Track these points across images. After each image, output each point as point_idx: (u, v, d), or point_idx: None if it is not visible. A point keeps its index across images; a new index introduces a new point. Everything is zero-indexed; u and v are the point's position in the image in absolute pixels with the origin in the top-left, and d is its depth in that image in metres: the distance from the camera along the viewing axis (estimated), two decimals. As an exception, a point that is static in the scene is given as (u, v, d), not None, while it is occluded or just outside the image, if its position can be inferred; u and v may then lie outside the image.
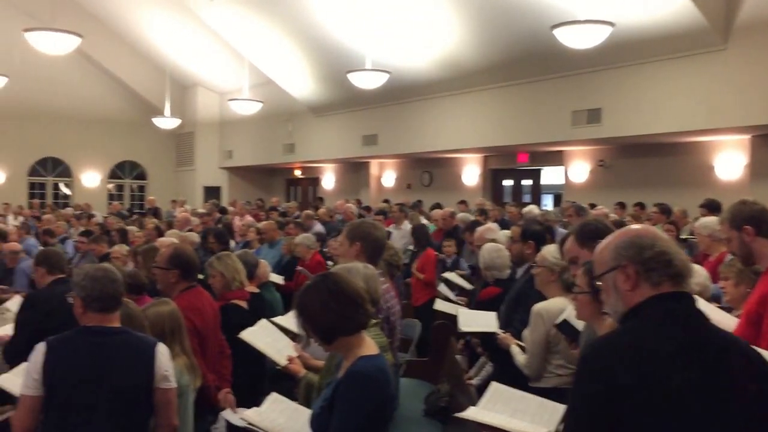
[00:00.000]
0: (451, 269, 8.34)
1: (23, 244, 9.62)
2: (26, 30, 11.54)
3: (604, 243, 2.09)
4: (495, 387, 3.35)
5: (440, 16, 12.67)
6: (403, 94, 15.40)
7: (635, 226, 2.16)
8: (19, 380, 3.77)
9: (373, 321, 3.04)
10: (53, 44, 11.69)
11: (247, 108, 16.61)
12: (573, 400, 1.91)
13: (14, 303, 6.05)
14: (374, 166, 19.06)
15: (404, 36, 13.53)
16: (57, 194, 22.36)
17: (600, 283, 2.07)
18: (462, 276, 8.02)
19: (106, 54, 20.83)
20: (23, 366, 3.89)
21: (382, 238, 3.92)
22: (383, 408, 2.66)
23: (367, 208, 14.54)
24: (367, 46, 12.59)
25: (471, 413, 3.11)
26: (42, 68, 19.10)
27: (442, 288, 7.59)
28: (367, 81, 12.51)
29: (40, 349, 3.09)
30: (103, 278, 3.17)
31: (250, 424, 2.99)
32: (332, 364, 3.29)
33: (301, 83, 17.65)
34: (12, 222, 14.52)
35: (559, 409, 3.09)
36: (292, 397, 3.38)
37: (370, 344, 2.75)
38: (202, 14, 16.71)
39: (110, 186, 23.18)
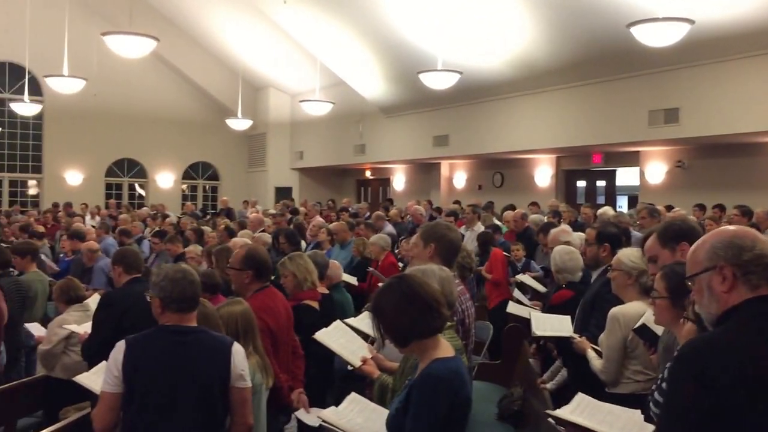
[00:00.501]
0: (522, 272, 8.21)
1: (102, 244, 9.91)
2: (104, 34, 11.86)
3: (698, 243, 2.03)
4: (581, 398, 3.27)
5: (513, 14, 12.51)
6: (474, 94, 15.27)
7: (731, 227, 2.07)
8: (98, 378, 3.86)
9: (448, 323, 2.99)
10: (130, 47, 11.99)
11: (319, 109, 16.73)
12: (669, 400, 1.88)
13: (93, 301, 6.22)
14: (445, 167, 18.97)
15: (476, 35, 13.41)
16: (132, 195, 22.97)
17: (691, 284, 2.03)
18: (535, 278, 7.88)
19: (181, 57, 21.31)
20: (102, 364, 3.97)
21: (457, 240, 3.86)
22: (457, 410, 2.62)
23: (438, 210, 14.47)
24: (439, 46, 12.51)
25: (564, 413, 3.05)
26: (119, 71, 19.67)
27: (516, 293, 7.48)
28: (438, 81, 12.43)
29: (120, 347, 3.14)
30: (181, 280, 3.21)
31: (327, 423, 2.97)
32: (406, 365, 3.25)
33: (372, 84, 17.69)
34: (89, 222, 14.98)
35: (647, 428, 2.99)
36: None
37: (446, 346, 2.71)
38: (275, 16, 16.93)
39: (184, 187, 23.69)
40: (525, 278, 7.79)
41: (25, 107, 17.49)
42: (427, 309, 2.63)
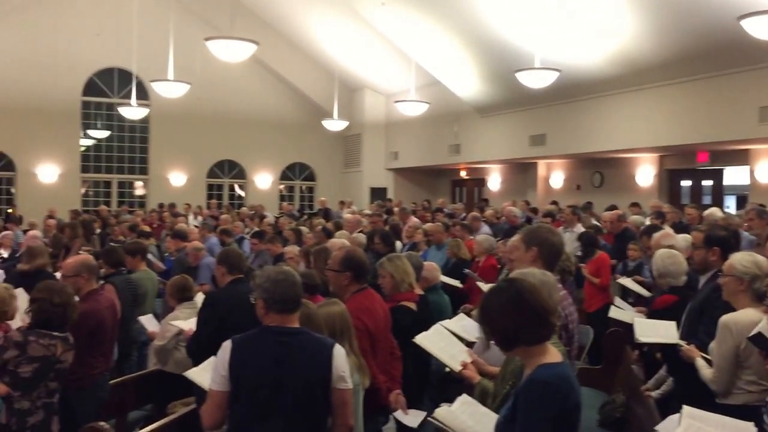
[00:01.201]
0: (633, 274, 7.95)
1: (207, 243, 10.24)
2: (208, 39, 12.23)
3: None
4: (688, 422, 3.14)
5: (613, 8, 12.17)
6: (573, 92, 14.96)
7: None
8: (206, 374, 3.98)
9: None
10: (232, 52, 12.33)
11: (414, 109, 16.75)
12: None
13: (200, 298, 6.42)
14: (542, 167, 18.66)
15: (575, 32, 13.12)
16: (232, 195, 23.61)
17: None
18: (641, 283, 7.62)
19: (279, 59, 21.76)
20: (210, 360, 4.09)
21: (560, 244, 3.78)
22: (567, 417, 2.55)
23: (535, 210, 14.26)
24: (536, 44, 12.30)
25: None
26: (220, 75, 20.24)
27: (617, 300, 7.27)
28: (535, 80, 12.23)
29: (226, 347, 3.22)
30: (284, 281, 3.27)
31: (439, 421, 2.97)
32: (507, 371, 3.21)
33: (468, 83, 17.59)
34: (192, 221, 15.47)
35: None
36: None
37: (552, 352, 2.65)
38: (372, 18, 17.06)
39: (281, 187, 24.17)
40: (627, 282, 7.57)
41: (132, 111, 18.24)
42: (535, 316, 2.58)
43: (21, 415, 4.49)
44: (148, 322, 6.72)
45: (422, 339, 3.83)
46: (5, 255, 10.14)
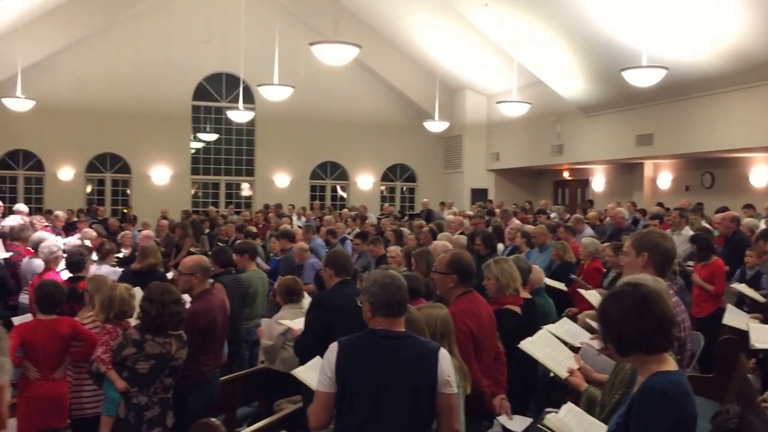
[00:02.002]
0: (752, 283, 7.56)
1: (312, 244, 10.44)
2: (312, 44, 12.47)
3: None
4: None
5: (726, 2, 11.66)
6: (682, 90, 14.42)
7: None
8: (312, 373, 4.07)
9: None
10: (335, 55, 12.53)
11: (515, 110, 16.56)
12: None
13: (307, 299, 6.56)
14: (648, 167, 18.08)
15: (684, 27, 12.64)
16: (334, 196, 23.96)
17: None
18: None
19: (381, 62, 21.93)
20: (315, 360, 4.18)
21: (672, 250, 3.64)
22: (683, 427, 2.46)
23: (642, 212, 13.83)
24: (643, 41, 11.93)
25: None
26: (323, 78, 20.54)
27: (731, 308, 6.96)
28: (642, 78, 11.86)
29: (333, 349, 3.27)
30: (390, 285, 3.30)
31: (548, 428, 2.93)
32: (616, 380, 3.14)
33: (571, 83, 17.24)
34: (296, 222, 15.79)
35: None
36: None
37: (668, 359, 2.57)
38: (474, 19, 16.97)
39: (382, 188, 24.35)
40: (742, 287, 7.24)
41: (239, 115, 18.80)
42: (658, 325, 2.50)
43: (138, 409, 4.71)
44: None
45: (528, 344, 3.78)
46: (126, 253, 10.63)
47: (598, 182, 20.07)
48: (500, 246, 10.04)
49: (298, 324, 5.62)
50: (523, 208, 16.94)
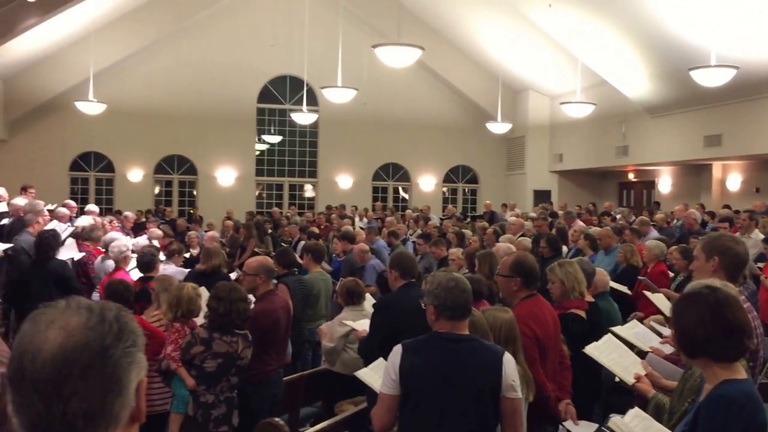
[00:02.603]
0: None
1: (374, 245, 10.47)
2: (375, 46, 12.53)
3: None
4: None
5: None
6: (752, 89, 13.99)
7: None
8: (375, 374, 4.09)
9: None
10: (398, 58, 12.56)
11: (579, 110, 16.33)
12: None
13: (368, 300, 6.59)
14: (717, 169, 17.60)
15: (754, 25, 12.26)
16: (396, 198, 24.00)
17: None
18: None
19: (443, 63, 21.88)
20: (379, 362, 4.20)
21: (744, 254, 3.54)
22: None
23: (711, 214, 13.47)
24: (712, 40, 11.62)
25: None
26: (386, 80, 20.60)
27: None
28: (711, 78, 11.55)
29: (397, 351, 3.28)
30: (454, 288, 3.29)
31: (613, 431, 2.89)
32: (686, 387, 3.07)
33: (636, 83, 16.91)
34: (358, 223, 15.87)
35: None
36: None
37: (737, 367, 2.50)
38: (537, 19, 16.80)
39: (444, 189, 24.29)
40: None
41: (303, 117, 19.01)
42: (729, 332, 2.44)
43: (206, 407, 4.80)
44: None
45: (593, 349, 3.71)
46: (194, 253, 10.85)
47: (665, 184, 19.63)
48: (564, 248, 9.89)
49: (361, 325, 5.65)
50: (588, 209, 16.67)
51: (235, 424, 4.91)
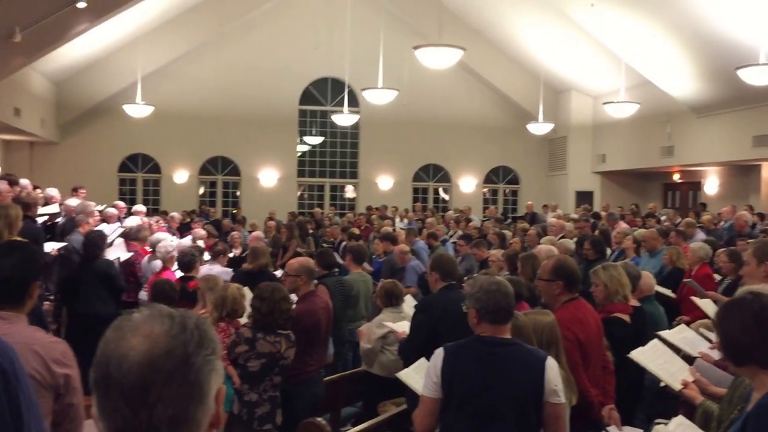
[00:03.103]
0: None
1: (413, 246, 10.47)
2: (416, 48, 12.54)
3: None
4: None
5: None
6: (803, 88, 13.67)
7: None
8: (416, 376, 4.10)
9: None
10: (439, 59, 12.56)
11: (623, 110, 16.13)
12: None
13: (408, 302, 6.61)
14: (766, 169, 17.22)
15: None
16: (437, 198, 23.96)
17: None
18: None
19: (484, 64, 21.75)
20: (420, 363, 4.20)
21: (797, 259, 3.48)
22: None
23: (760, 216, 13.19)
24: (760, 38, 11.38)
25: None
26: (426, 81, 20.54)
27: None
28: (760, 76, 11.33)
29: (439, 354, 3.28)
30: (496, 292, 3.27)
31: None
32: (735, 395, 3.02)
33: (682, 82, 16.63)
34: (399, 224, 15.89)
35: None
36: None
37: (787, 378, 2.44)
38: (580, 19, 16.64)
39: (485, 190, 24.18)
40: None
41: (344, 118, 19.10)
42: None
43: (250, 406, 4.86)
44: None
45: (639, 355, 3.67)
46: (237, 253, 10.97)
47: (711, 185, 19.27)
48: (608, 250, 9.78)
49: (400, 327, 5.66)
50: (632, 210, 16.45)
51: (278, 423, 4.97)
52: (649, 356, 3.68)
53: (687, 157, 18.07)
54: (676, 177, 20.78)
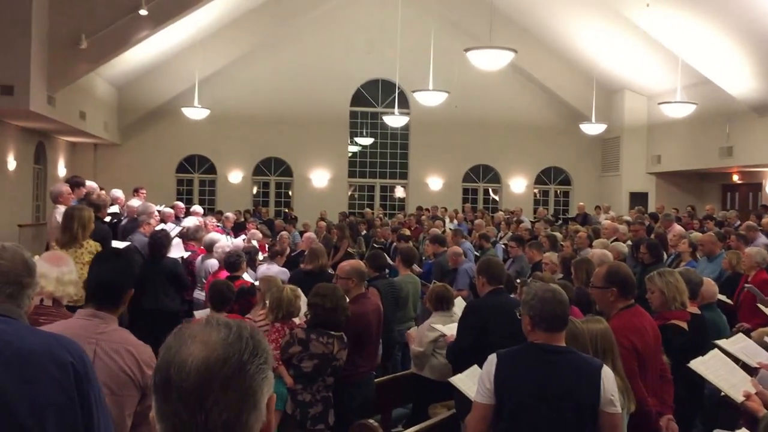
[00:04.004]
0: None
1: (462, 247, 10.43)
2: (467, 50, 12.49)
3: None
4: None
5: None
6: None
7: None
8: (470, 382, 4.09)
9: None
10: (490, 61, 12.48)
11: (679, 110, 15.82)
12: None
13: (459, 305, 6.59)
14: (829, 171, 16.73)
15: None
16: (486, 199, 23.84)
17: None
18: None
19: (535, 64, 21.56)
20: (473, 369, 4.20)
21: None
22: None
23: (824, 219, 12.78)
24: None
25: None
26: (477, 82, 20.45)
27: None
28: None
29: (492, 361, 3.26)
30: (551, 299, 3.24)
31: None
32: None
33: (742, 81, 16.22)
34: (449, 225, 15.85)
35: None
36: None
37: None
38: (635, 19, 16.36)
39: (536, 191, 23.97)
40: None
41: (394, 120, 19.17)
42: None
43: (303, 406, 4.92)
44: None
45: (700, 365, 3.59)
46: (286, 254, 11.05)
47: (773, 186, 18.76)
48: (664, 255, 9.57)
49: (450, 330, 5.66)
50: (689, 212, 16.11)
51: (330, 423, 5.01)
52: (710, 366, 3.60)
53: (747, 158, 17.61)
54: (736, 178, 20.27)
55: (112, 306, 2.96)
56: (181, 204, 12.42)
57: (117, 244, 8.32)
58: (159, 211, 10.22)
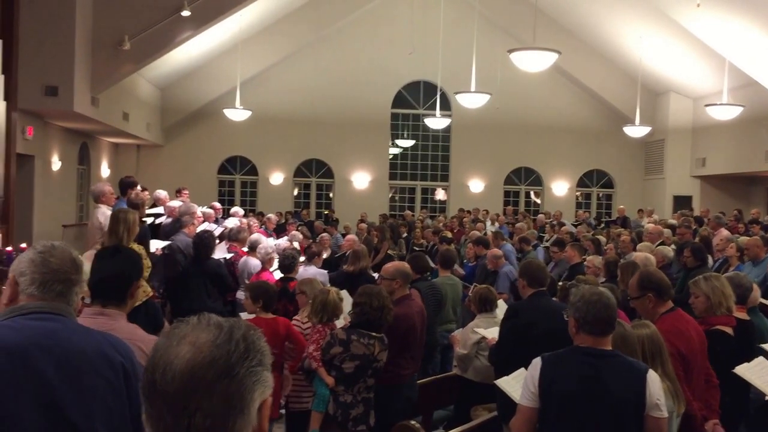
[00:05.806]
0: None
1: (503, 249, 10.40)
2: (510, 51, 12.43)
3: None
4: None
5: None
6: None
7: None
8: (516, 384, 4.10)
9: None
10: (533, 62, 12.39)
11: (726, 113, 15.54)
12: None
13: (500, 307, 6.59)
14: None
15: None
16: (528, 202, 23.68)
17: None
18: None
19: (579, 66, 21.38)
20: (519, 372, 4.21)
21: None
22: None
23: None
24: None
25: None
26: (519, 84, 20.39)
27: None
28: None
29: (536, 364, 3.26)
30: (597, 302, 3.24)
31: None
32: None
33: (790, 83, 15.90)
34: (489, 227, 15.81)
35: None
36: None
37: None
38: (684, 19, 16.13)
39: (578, 194, 23.74)
40: None
41: (436, 122, 19.15)
42: None
43: (345, 407, 4.96)
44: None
45: (745, 371, 3.56)
46: (326, 255, 11.15)
47: (823, 189, 18.33)
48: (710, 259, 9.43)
49: (492, 333, 5.66)
50: (735, 216, 15.83)
51: (371, 424, 5.04)
52: (756, 372, 3.57)
53: (794, 161, 17.26)
54: (783, 182, 19.87)
55: (119, 301, 2.94)
56: (218, 205, 12.56)
57: (157, 243, 8.44)
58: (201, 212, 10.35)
